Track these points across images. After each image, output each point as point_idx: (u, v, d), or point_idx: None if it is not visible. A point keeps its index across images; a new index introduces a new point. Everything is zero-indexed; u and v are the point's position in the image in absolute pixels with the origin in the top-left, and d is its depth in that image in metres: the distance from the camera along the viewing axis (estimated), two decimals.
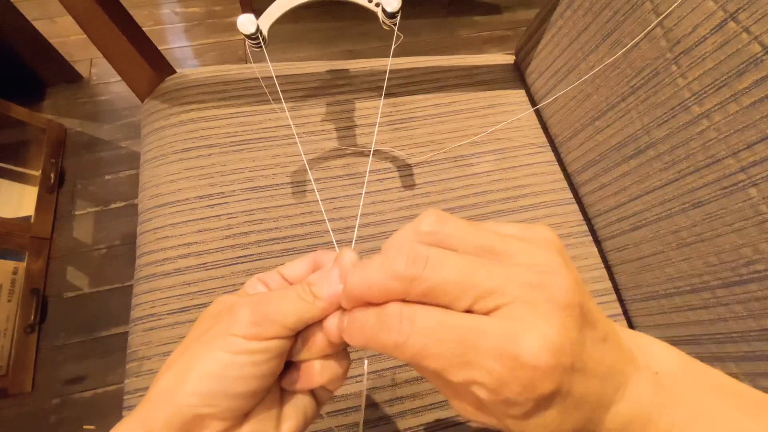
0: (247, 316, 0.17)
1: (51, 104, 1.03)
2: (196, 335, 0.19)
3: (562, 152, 0.51)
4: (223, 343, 0.17)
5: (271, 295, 0.19)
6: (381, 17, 0.37)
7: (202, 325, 0.19)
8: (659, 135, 0.37)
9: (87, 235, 0.90)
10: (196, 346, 0.18)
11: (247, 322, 0.17)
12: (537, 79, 0.54)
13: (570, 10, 0.45)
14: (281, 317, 0.18)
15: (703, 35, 0.32)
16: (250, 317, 0.17)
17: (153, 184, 0.46)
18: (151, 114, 0.50)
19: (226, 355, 0.17)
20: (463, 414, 0.17)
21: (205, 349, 0.17)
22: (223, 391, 0.17)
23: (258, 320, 0.17)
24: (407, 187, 0.47)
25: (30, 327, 0.78)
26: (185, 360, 0.17)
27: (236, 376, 0.17)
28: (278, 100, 0.48)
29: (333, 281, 0.18)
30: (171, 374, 0.17)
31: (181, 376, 0.17)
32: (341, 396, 0.38)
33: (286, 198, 0.45)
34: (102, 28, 0.43)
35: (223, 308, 0.19)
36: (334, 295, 0.18)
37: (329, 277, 0.18)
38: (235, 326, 0.17)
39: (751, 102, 0.30)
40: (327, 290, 0.18)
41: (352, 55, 1.17)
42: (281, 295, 0.18)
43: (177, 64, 0.94)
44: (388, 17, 0.36)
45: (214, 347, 0.17)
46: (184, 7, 1.22)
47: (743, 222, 0.32)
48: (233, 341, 0.17)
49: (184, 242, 0.42)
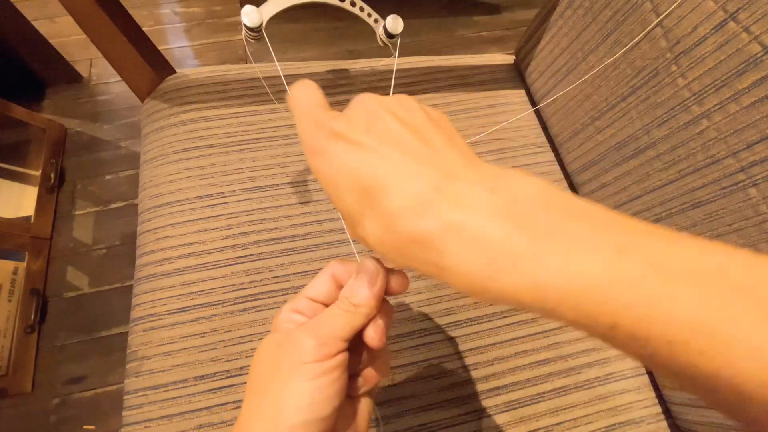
0: (311, 341, 0.19)
1: (51, 104, 1.03)
2: (265, 378, 0.20)
3: (562, 152, 0.51)
4: (301, 373, 0.19)
5: (322, 318, 0.21)
6: (379, 34, 0.36)
7: (263, 368, 0.21)
8: (659, 135, 0.37)
9: (87, 235, 0.90)
10: (275, 386, 0.19)
11: (313, 346, 0.19)
12: (537, 79, 0.54)
13: (570, 10, 0.45)
14: (339, 332, 0.20)
15: (703, 35, 0.32)
16: (314, 341, 0.19)
17: (153, 184, 0.46)
18: (151, 114, 0.50)
19: (308, 383, 0.19)
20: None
21: (287, 385, 0.19)
22: (317, 416, 0.18)
23: (321, 342, 0.20)
24: None
25: (30, 327, 0.78)
26: (272, 403, 0.19)
27: (322, 398, 0.19)
28: (282, 99, 0.48)
29: (364, 288, 0.21)
30: (262, 420, 0.19)
31: (275, 418, 0.18)
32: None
33: (286, 198, 0.45)
34: (102, 28, 0.43)
35: (281, 345, 0.21)
36: (370, 297, 0.21)
37: (361, 286, 0.21)
38: (304, 354, 0.19)
39: (751, 102, 0.30)
40: (363, 297, 0.21)
41: (353, 55, 1.17)
42: (330, 314, 0.21)
43: (177, 64, 0.94)
44: (387, 37, 0.36)
45: (295, 380, 0.19)
46: (184, 7, 1.22)
47: (743, 222, 0.32)
48: (310, 368, 0.19)
49: (184, 242, 0.42)
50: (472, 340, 0.41)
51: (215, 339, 0.39)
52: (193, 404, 0.36)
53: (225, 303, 0.40)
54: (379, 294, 0.21)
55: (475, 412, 0.39)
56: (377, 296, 0.21)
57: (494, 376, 0.40)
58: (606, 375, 0.41)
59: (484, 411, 0.39)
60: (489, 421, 0.39)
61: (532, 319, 0.43)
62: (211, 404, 0.37)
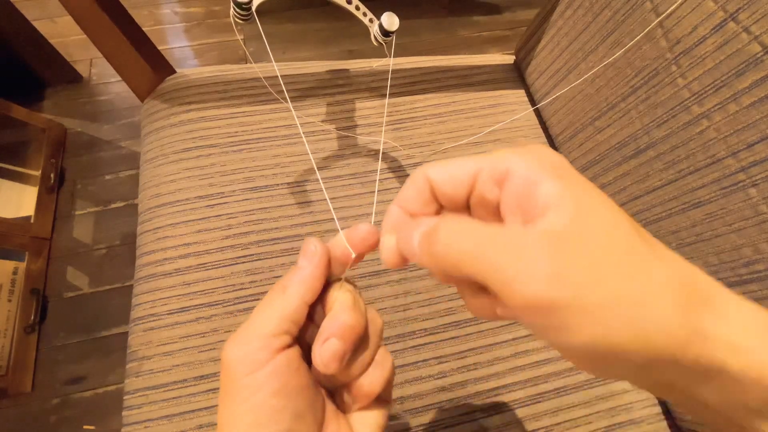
0: (236, 350, 0.17)
1: (51, 104, 1.03)
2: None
3: (562, 152, 0.51)
4: (235, 392, 0.17)
5: (250, 317, 0.19)
6: (374, 33, 0.36)
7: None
8: (659, 135, 0.37)
9: (87, 235, 0.90)
10: (222, 413, 0.17)
11: (239, 358, 0.17)
12: (537, 79, 0.54)
13: (570, 10, 0.45)
14: (266, 327, 0.18)
15: (703, 35, 0.32)
16: (239, 350, 0.17)
17: (153, 184, 0.46)
18: (151, 114, 0.50)
19: (242, 405, 0.16)
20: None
21: (227, 410, 0.17)
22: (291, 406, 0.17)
23: (248, 350, 0.17)
24: None
25: (30, 327, 0.78)
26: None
27: (267, 418, 0.16)
28: (284, 99, 0.48)
29: (300, 262, 0.19)
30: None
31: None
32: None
33: (286, 198, 0.45)
34: (102, 28, 0.43)
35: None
36: (305, 275, 0.19)
37: (296, 267, 0.19)
38: (231, 370, 0.17)
39: (751, 102, 0.30)
40: (295, 275, 0.19)
41: (352, 55, 1.17)
42: (257, 308, 0.19)
43: (177, 64, 0.93)
44: (383, 34, 0.35)
45: (230, 404, 0.17)
46: (184, 7, 1.22)
47: (743, 222, 0.32)
48: (241, 385, 0.17)
49: (184, 242, 0.42)
50: (473, 340, 0.41)
51: (215, 339, 0.39)
52: (193, 404, 0.36)
53: (225, 303, 0.40)
54: (315, 274, 0.18)
55: (476, 412, 0.39)
56: (314, 275, 0.18)
57: (494, 376, 0.40)
58: None
59: (485, 411, 0.39)
60: (489, 421, 0.39)
61: None
62: (211, 404, 0.37)
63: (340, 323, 0.18)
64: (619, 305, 0.12)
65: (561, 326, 0.12)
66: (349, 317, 0.18)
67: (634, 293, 0.12)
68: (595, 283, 0.12)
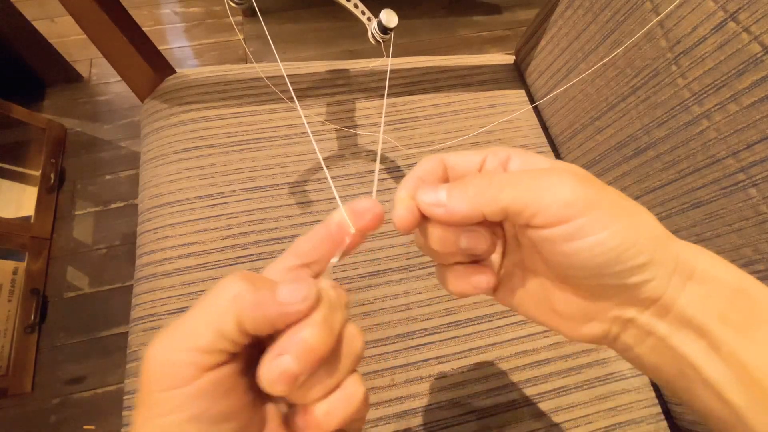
0: (160, 355, 0.15)
1: (51, 104, 1.03)
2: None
3: (562, 152, 0.51)
4: (151, 405, 0.14)
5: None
6: (371, 31, 0.36)
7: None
8: (659, 135, 0.37)
9: (87, 235, 0.90)
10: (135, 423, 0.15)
11: (160, 366, 0.14)
12: (537, 79, 0.53)
13: (570, 10, 0.45)
14: (199, 338, 0.14)
15: (703, 35, 0.32)
16: (163, 357, 0.14)
17: (153, 184, 0.46)
18: (151, 114, 0.50)
19: (156, 420, 0.14)
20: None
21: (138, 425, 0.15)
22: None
23: (172, 362, 0.14)
24: None
25: (30, 327, 0.78)
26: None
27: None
28: (289, 98, 0.48)
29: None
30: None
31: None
32: None
33: (286, 198, 0.45)
34: (102, 28, 0.43)
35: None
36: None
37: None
38: (151, 377, 0.14)
39: (751, 102, 0.30)
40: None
41: (352, 55, 1.17)
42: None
43: (177, 64, 0.93)
44: (381, 32, 0.35)
45: (143, 420, 0.14)
46: (184, 7, 1.22)
47: (743, 222, 0.32)
48: (160, 399, 0.14)
49: (184, 242, 0.42)
50: (473, 340, 0.41)
51: None
52: None
53: None
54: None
55: (475, 412, 0.39)
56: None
57: (494, 376, 0.40)
58: (606, 375, 0.41)
59: (485, 411, 0.39)
60: (489, 421, 0.39)
61: None
62: None
63: (299, 340, 0.14)
64: (621, 217, 0.15)
65: (577, 231, 0.15)
66: (312, 335, 0.14)
67: (632, 210, 0.16)
68: (604, 200, 0.16)
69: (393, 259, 0.44)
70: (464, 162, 0.20)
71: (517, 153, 0.19)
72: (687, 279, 0.16)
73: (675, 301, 0.16)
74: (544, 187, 0.16)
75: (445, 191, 0.17)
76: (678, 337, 0.16)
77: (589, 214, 0.15)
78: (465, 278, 0.20)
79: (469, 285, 0.20)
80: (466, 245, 0.18)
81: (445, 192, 0.17)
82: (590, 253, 0.15)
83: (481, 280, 0.19)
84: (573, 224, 0.15)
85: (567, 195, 0.15)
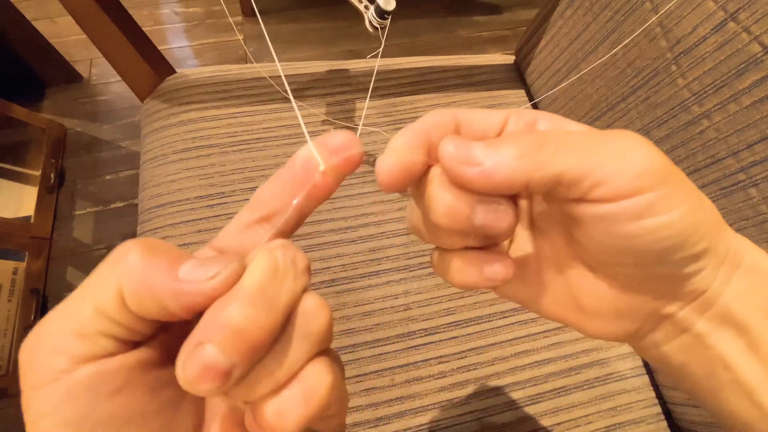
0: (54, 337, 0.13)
1: (51, 104, 1.03)
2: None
3: None
4: (36, 396, 0.13)
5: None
6: (368, 18, 0.36)
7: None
8: (659, 135, 0.37)
9: (87, 235, 0.90)
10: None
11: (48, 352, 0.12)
12: (537, 80, 0.54)
13: (570, 10, 0.45)
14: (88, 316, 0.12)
15: (703, 35, 0.32)
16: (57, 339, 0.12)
17: (153, 184, 0.46)
18: (151, 114, 0.50)
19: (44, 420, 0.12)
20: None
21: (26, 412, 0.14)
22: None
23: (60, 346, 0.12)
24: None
25: (30, 327, 0.78)
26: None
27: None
28: (289, 98, 0.48)
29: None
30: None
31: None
32: None
33: None
34: (102, 28, 0.43)
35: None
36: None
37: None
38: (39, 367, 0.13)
39: (751, 102, 0.30)
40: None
41: (352, 55, 1.17)
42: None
43: (177, 64, 0.93)
44: (378, 16, 0.35)
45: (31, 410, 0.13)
46: (184, 7, 1.22)
47: (743, 222, 0.32)
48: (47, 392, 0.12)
49: (184, 242, 0.42)
50: (473, 340, 0.41)
51: None
52: None
53: None
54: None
55: (475, 412, 0.39)
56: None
57: (494, 376, 0.40)
58: (606, 375, 0.41)
59: (484, 411, 0.39)
60: (489, 421, 0.39)
61: (532, 318, 0.43)
62: None
63: (223, 322, 0.10)
64: (691, 195, 0.13)
65: (647, 207, 0.12)
66: (240, 313, 0.11)
67: (695, 187, 0.14)
68: (674, 172, 0.13)
69: (393, 259, 0.44)
70: (482, 121, 0.16)
71: (545, 116, 0.16)
72: (734, 271, 0.14)
73: (720, 295, 0.14)
74: (613, 152, 0.13)
75: (481, 147, 0.13)
76: (716, 335, 0.14)
77: (660, 188, 0.12)
78: (476, 266, 0.15)
79: (481, 276, 0.15)
80: (483, 221, 0.13)
81: (481, 148, 0.13)
82: (655, 236, 0.12)
83: (497, 270, 0.15)
84: (642, 198, 0.12)
85: (642, 163, 0.12)
